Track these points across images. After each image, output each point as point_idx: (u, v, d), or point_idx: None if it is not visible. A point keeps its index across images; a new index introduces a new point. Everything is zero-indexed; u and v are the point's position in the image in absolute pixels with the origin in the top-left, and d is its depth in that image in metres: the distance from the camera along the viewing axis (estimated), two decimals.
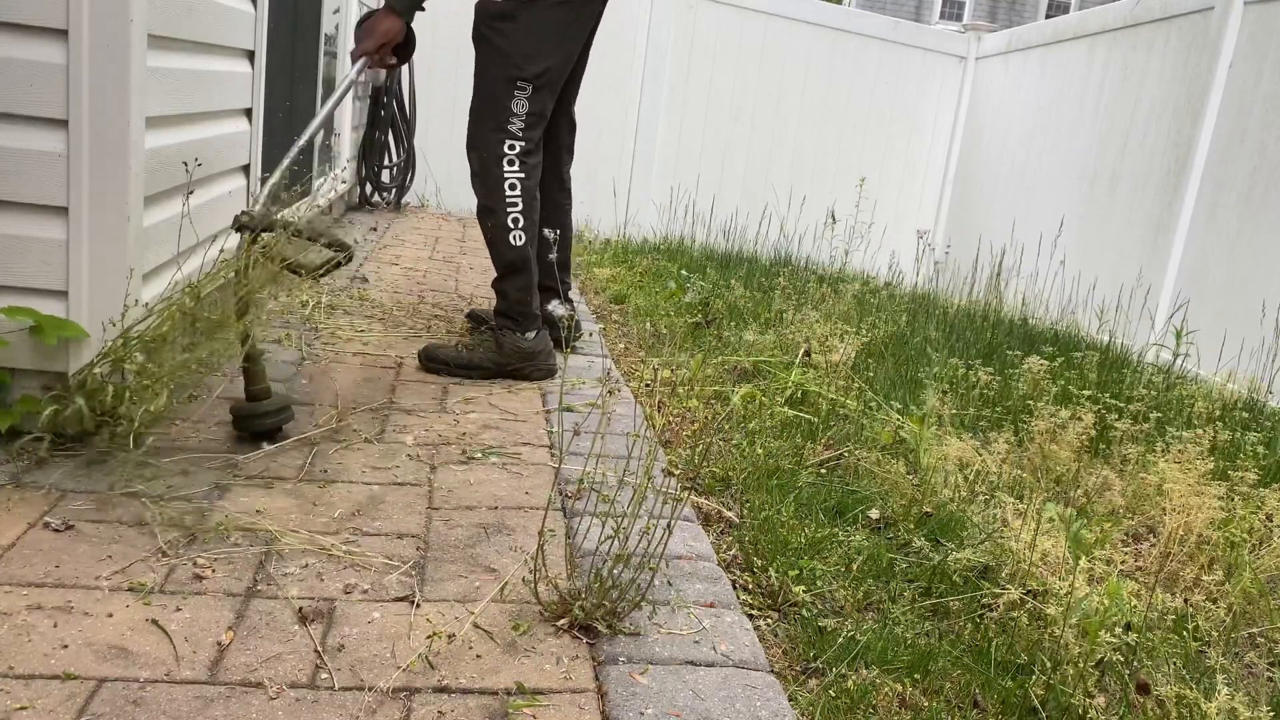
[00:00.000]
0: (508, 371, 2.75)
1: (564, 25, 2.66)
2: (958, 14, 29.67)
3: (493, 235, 2.73)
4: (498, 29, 2.61)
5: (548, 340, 2.84)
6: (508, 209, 2.68)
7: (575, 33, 2.72)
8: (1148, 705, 1.55)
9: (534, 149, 2.71)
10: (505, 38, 2.61)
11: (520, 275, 2.75)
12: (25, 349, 1.92)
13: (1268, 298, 4.24)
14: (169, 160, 2.22)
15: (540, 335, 2.81)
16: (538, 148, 2.74)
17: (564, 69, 2.72)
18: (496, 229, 2.71)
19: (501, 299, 2.80)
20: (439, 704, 1.29)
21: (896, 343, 3.88)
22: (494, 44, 2.62)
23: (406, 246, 4.79)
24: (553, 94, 2.72)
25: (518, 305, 2.77)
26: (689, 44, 7.12)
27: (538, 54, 2.62)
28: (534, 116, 2.67)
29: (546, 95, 2.69)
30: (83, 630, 1.36)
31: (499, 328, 2.78)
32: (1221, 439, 2.82)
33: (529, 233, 2.72)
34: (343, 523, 1.78)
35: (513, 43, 2.60)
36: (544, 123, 2.74)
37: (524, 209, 2.70)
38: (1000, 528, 2.17)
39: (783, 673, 1.56)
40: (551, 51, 2.65)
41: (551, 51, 2.65)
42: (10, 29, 1.82)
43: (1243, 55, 4.71)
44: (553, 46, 2.65)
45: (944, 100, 7.69)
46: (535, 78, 2.63)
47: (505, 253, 2.73)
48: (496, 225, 2.70)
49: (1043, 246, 6.02)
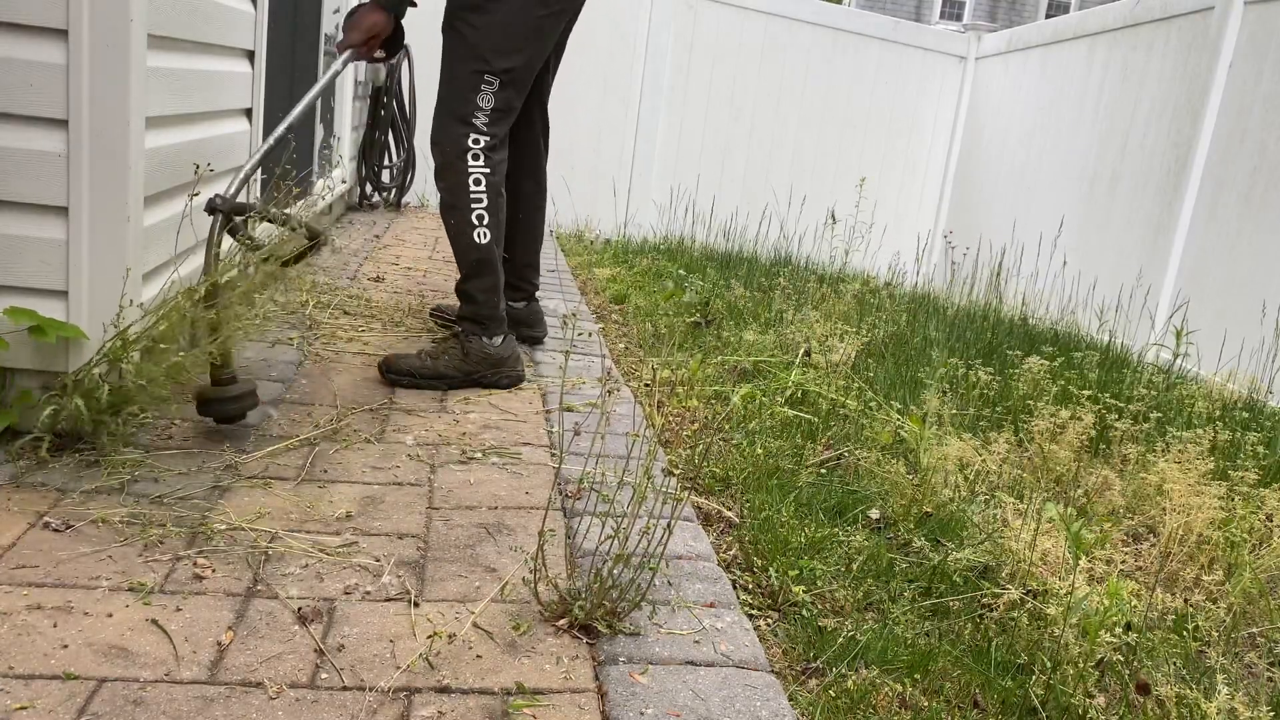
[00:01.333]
0: (474, 380, 2.65)
1: (537, 21, 2.59)
2: (958, 14, 29.67)
3: (456, 233, 2.65)
4: (468, 20, 2.56)
5: (515, 345, 2.75)
6: (472, 205, 2.60)
7: (549, 29, 2.65)
8: (1148, 705, 1.55)
9: (499, 145, 2.63)
10: (475, 29, 2.55)
11: (485, 276, 2.67)
12: (25, 349, 1.92)
13: (1268, 298, 4.24)
14: (169, 160, 2.22)
15: (507, 340, 2.72)
16: (503, 144, 2.65)
17: (534, 66, 2.66)
18: (460, 226, 2.63)
19: (466, 302, 2.70)
20: (439, 704, 1.29)
21: (896, 343, 3.88)
22: (463, 35, 2.57)
23: (406, 246, 4.79)
24: (520, 90, 2.65)
25: (484, 307, 2.67)
26: (689, 44, 7.12)
27: (507, 49, 2.57)
28: (499, 112, 2.60)
29: (513, 91, 2.62)
30: (83, 630, 1.36)
31: (464, 334, 2.68)
32: (1221, 439, 2.82)
33: (494, 231, 2.64)
34: (343, 523, 1.78)
35: (482, 35, 2.55)
36: (510, 118, 2.66)
37: (488, 205, 2.61)
38: (1000, 528, 2.17)
39: (783, 673, 1.56)
40: (521, 47, 2.59)
41: (521, 47, 2.59)
42: (10, 29, 1.82)
43: (1243, 55, 4.71)
44: (523, 42, 2.59)
45: (944, 100, 7.69)
46: (503, 72, 2.57)
47: (469, 251, 2.64)
48: (460, 222, 2.62)
49: (1043, 246, 6.03)
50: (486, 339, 2.67)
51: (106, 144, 1.89)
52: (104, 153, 1.90)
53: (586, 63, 6.73)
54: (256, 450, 2.06)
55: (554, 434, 2.37)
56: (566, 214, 6.73)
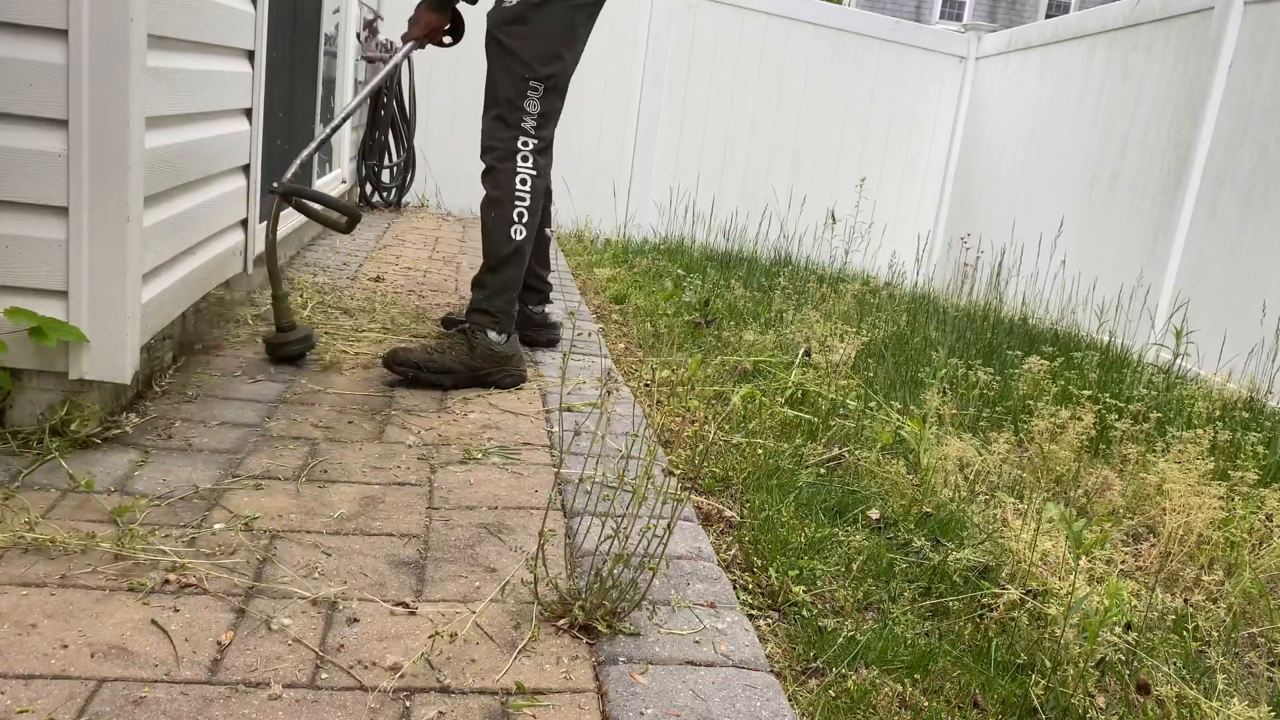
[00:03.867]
0: (479, 377, 2.68)
1: (571, 26, 2.74)
2: (958, 14, 29.68)
3: (493, 226, 2.73)
4: (510, 33, 2.69)
5: (519, 346, 2.80)
6: (516, 202, 2.71)
7: (582, 30, 2.79)
8: (1148, 705, 1.55)
9: (546, 148, 2.78)
10: (518, 40, 2.68)
11: (509, 270, 2.73)
12: (26, 349, 1.92)
13: (1268, 298, 4.24)
14: (169, 160, 2.22)
15: (512, 340, 2.75)
16: (549, 147, 2.80)
17: (572, 68, 2.80)
18: (499, 220, 2.72)
19: (482, 294, 2.74)
20: (439, 704, 1.29)
21: (896, 343, 3.88)
22: (506, 47, 2.69)
23: (407, 246, 4.79)
24: (562, 93, 2.79)
25: (500, 302, 2.72)
26: (689, 44, 7.12)
27: (548, 55, 2.70)
28: (544, 116, 2.74)
29: (556, 95, 2.76)
30: (83, 630, 1.36)
31: (473, 326, 2.72)
32: (1221, 439, 2.82)
33: (529, 231, 2.74)
34: (343, 523, 1.78)
35: (525, 45, 2.68)
36: (555, 121, 2.80)
37: (530, 205, 2.73)
38: (1000, 528, 2.17)
39: (783, 673, 1.56)
40: (562, 53, 2.73)
41: (562, 53, 2.73)
42: (10, 29, 1.82)
43: (1243, 55, 4.71)
44: (562, 47, 2.73)
45: (944, 100, 7.69)
46: (547, 78, 2.70)
47: (501, 245, 2.72)
48: (500, 216, 2.71)
49: (1043, 246, 6.03)
50: (495, 334, 2.71)
51: (106, 144, 1.89)
52: (104, 153, 1.90)
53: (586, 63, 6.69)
54: (257, 450, 2.06)
55: (554, 434, 2.37)
56: (566, 214, 6.72)
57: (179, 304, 2.39)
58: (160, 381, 2.36)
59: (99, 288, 1.94)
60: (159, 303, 2.21)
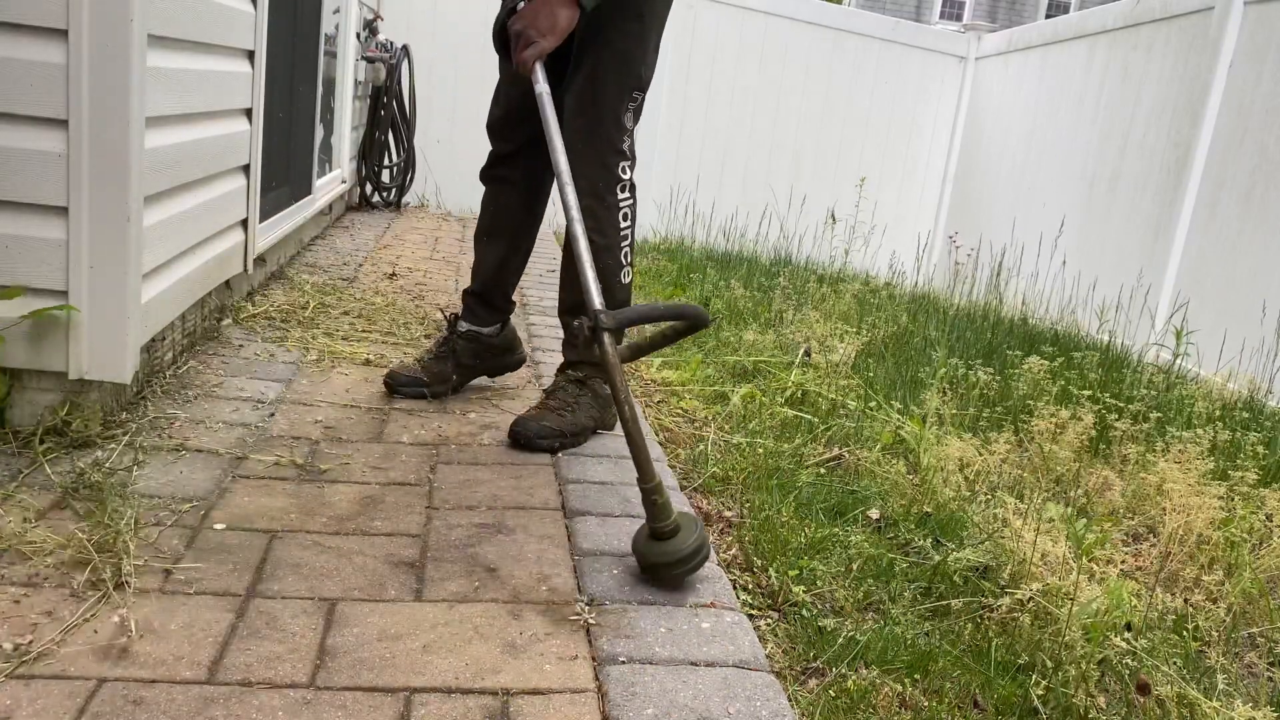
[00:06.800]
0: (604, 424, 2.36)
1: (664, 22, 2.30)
2: (958, 14, 29.68)
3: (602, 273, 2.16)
4: (625, 30, 2.17)
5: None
6: (621, 243, 2.26)
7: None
8: (1148, 705, 1.55)
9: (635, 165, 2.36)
10: (634, 40, 2.19)
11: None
12: (26, 349, 1.92)
13: (1268, 298, 4.24)
14: (169, 160, 2.22)
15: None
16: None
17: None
18: (611, 268, 2.24)
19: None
20: (439, 704, 1.29)
21: (896, 343, 3.88)
22: (619, 49, 2.18)
23: (407, 246, 4.79)
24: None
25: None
26: (689, 43, 7.12)
27: (652, 58, 2.26)
28: (634, 131, 2.33)
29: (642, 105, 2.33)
30: (82, 630, 1.36)
31: (589, 376, 2.33)
32: (1221, 439, 2.82)
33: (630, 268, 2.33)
34: (342, 523, 1.78)
35: (638, 44, 2.20)
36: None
37: (631, 242, 2.31)
38: (1000, 528, 2.17)
39: (783, 673, 1.56)
40: (656, 52, 2.28)
41: (656, 52, 2.28)
42: (10, 29, 1.82)
43: (1243, 55, 4.71)
44: (657, 46, 2.28)
45: (944, 100, 7.69)
46: (646, 85, 2.27)
47: (618, 293, 2.26)
48: (612, 264, 2.25)
49: (1043, 246, 6.03)
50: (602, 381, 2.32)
51: (106, 144, 1.89)
52: (104, 153, 1.90)
53: None
54: (257, 450, 2.06)
55: None
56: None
57: (179, 304, 2.40)
58: (160, 381, 2.36)
59: (99, 288, 1.94)
60: (159, 303, 2.21)
